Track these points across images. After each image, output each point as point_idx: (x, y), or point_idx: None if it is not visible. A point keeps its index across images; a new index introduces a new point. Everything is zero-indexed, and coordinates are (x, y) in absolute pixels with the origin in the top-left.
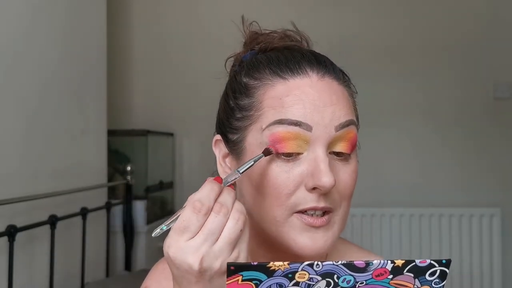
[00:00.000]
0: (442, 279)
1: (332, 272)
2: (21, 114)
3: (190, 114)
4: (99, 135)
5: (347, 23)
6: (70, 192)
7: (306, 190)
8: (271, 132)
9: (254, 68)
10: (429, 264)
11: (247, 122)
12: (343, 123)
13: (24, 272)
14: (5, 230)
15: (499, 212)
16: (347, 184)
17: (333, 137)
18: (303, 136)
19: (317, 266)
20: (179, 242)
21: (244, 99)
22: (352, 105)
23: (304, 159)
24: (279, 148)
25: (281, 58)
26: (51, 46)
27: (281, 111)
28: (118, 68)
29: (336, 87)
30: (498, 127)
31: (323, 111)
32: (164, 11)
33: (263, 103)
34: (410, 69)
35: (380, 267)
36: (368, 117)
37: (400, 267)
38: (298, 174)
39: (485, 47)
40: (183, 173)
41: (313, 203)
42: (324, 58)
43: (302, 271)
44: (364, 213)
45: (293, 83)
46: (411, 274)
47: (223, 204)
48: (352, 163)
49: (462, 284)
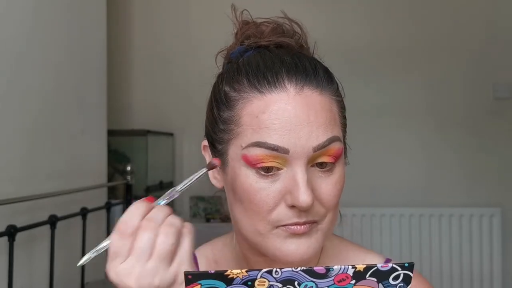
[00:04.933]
0: (406, 283)
1: (292, 278)
2: (21, 114)
3: (190, 114)
4: (99, 135)
5: (349, 24)
6: (70, 192)
7: (287, 207)
8: (249, 154)
9: (234, 77)
10: (391, 268)
11: (229, 136)
12: (321, 144)
13: (24, 272)
14: (5, 230)
15: (499, 212)
16: (331, 195)
17: (312, 156)
18: (281, 156)
19: (276, 273)
20: (115, 268)
21: (226, 111)
22: (336, 114)
23: (283, 176)
24: (258, 165)
25: (261, 66)
26: (51, 47)
27: (258, 132)
28: (118, 68)
29: (315, 99)
30: (498, 127)
31: (299, 130)
32: (164, 11)
33: (241, 119)
34: (410, 70)
35: (341, 272)
36: (368, 117)
37: (362, 271)
38: (277, 191)
39: (485, 47)
40: (183, 173)
41: (295, 218)
42: (306, 62)
43: (262, 279)
44: (364, 213)
45: (270, 98)
46: (374, 278)
47: (151, 220)
48: (336, 173)
49: (462, 284)
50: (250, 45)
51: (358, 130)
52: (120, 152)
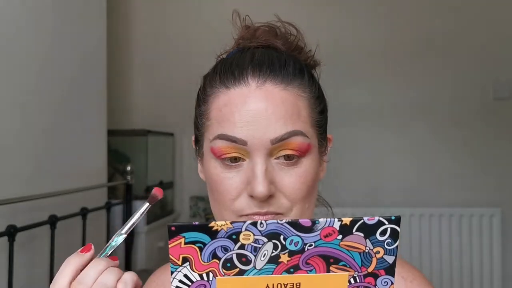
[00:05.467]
0: (394, 239)
1: (277, 232)
2: (21, 114)
3: (190, 114)
4: (99, 135)
5: (344, 24)
6: (70, 192)
7: (248, 196)
8: (215, 146)
9: (211, 75)
10: (378, 222)
11: (203, 130)
12: (279, 137)
13: (24, 272)
14: (5, 230)
15: (499, 212)
16: (294, 188)
17: (271, 148)
18: (241, 148)
19: (261, 225)
20: None
21: (202, 106)
22: (303, 110)
23: (245, 167)
24: (222, 156)
25: (233, 64)
26: (51, 46)
27: (220, 125)
28: (118, 68)
29: (277, 94)
30: (498, 127)
31: (258, 122)
32: (164, 10)
33: (210, 114)
34: (409, 69)
35: (328, 225)
36: (367, 117)
37: (349, 225)
38: (239, 181)
39: (485, 47)
40: (183, 173)
41: (256, 208)
42: (275, 59)
43: (246, 231)
44: (364, 213)
45: (233, 93)
46: (361, 234)
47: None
48: (302, 166)
49: (462, 284)
50: (243, 47)
51: (358, 131)
52: (120, 152)
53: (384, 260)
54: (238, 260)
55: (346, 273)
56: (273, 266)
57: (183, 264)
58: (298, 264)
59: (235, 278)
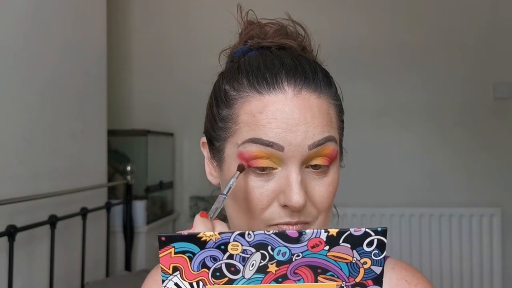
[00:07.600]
0: (381, 250)
1: (265, 242)
2: (21, 114)
3: (190, 114)
4: (99, 135)
5: (349, 24)
6: (70, 192)
7: (280, 206)
8: (245, 150)
9: (234, 77)
10: (364, 233)
11: (227, 134)
12: (316, 142)
13: (24, 272)
14: (5, 230)
15: (499, 212)
16: (324, 197)
17: (307, 155)
18: (275, 154)
19: (249, 236)
20: None
21: (224, 110)
22: (333, 118)
23: (277, 175)
24: (253, 163)
25: (261, 67)
26: (51, 46)
27: (254, 130)
28: (118, 68)
29: (313, 102)
30: (498, 127)
31: (296, 130)
32: (164, 11)
33: (239, 118)
34: (410, 70)
35: (314, 236)
36: (368, 117)
37: (335, 236)
38: (271, 190)
39: (485, 47)
40: (183, 173)
41: (287, 218)
42: (306, 65)
43: (235, 242)
44: (364, 213)
45: (268, 99)
46: (348, 244)
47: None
48: (330, 175)
49: (462, 284)
50: (253, 45)
51: (359, 130)
52: (120, 152)
53: (371, 271)
54: (227, 270)
55: (334, 283)
56: (262, 275)
57: (174, 273)
58: (286, 273)
59: (224, 287)
